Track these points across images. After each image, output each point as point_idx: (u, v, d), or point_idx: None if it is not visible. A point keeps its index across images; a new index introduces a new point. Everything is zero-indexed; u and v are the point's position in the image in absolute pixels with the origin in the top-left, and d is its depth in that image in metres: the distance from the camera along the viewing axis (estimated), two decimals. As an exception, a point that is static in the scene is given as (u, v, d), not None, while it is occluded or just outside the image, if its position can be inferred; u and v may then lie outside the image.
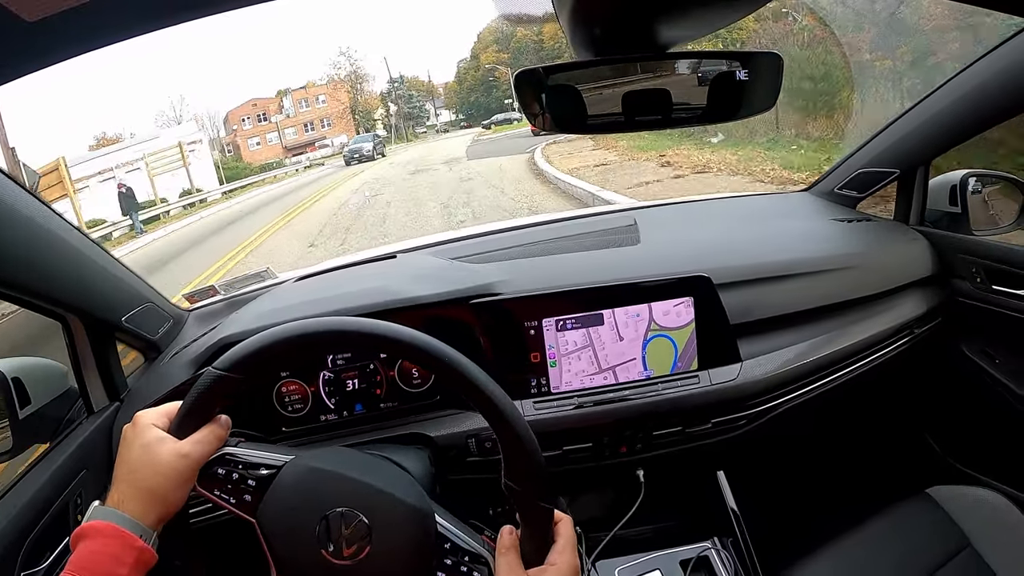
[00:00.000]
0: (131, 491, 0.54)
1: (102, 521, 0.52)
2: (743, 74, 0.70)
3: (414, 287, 0.95)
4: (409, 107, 40.03)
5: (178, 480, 0.55)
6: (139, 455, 0.55)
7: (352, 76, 38.98)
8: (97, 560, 0.51)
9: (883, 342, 1.08)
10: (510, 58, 36.11)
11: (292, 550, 0.57)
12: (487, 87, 38.16)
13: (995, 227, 1.21)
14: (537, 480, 0.56)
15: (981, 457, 1.24)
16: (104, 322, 0.93)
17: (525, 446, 0.57)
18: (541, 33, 33.37)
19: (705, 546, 0.97)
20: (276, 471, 0.59)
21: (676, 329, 0.94)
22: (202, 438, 0.57)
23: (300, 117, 38.36)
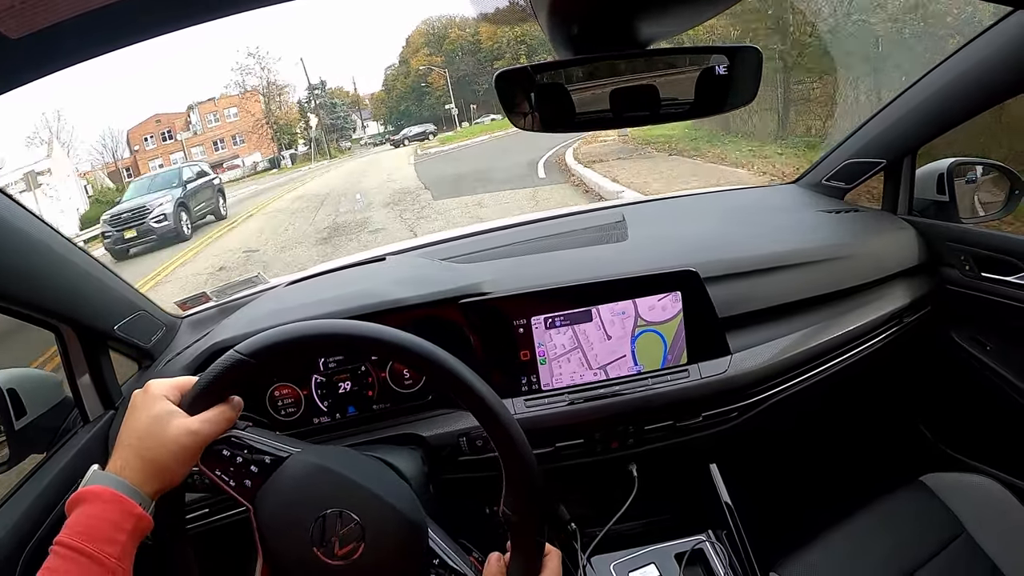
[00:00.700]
0: (134, 459, 0.54)
1: (101, 486, 0.52)
2: (722, 68, 0.71)
3: (403, 289, 0.95)
4: (332, 118, 34.40)
5: (183, 456, 0.56)
6: (147, 425, 0.55)
7: (265, 83, 32.89)
8: (96, 525, 0.50)
9: (873, 332, 1.08)
10: (443, 61, 33.68)
11: (284, 541, 0.58)
12: (419, 94, 34.89)
13: (983, 214, 1.21)
14: (534, 511, 0.58)
15: (974, 444, 1.25)
16: (97, 331, 0.94)
17: (533, 481, 0.58)
18: (478, 33, 31.88)
19: (700, 539, 0.98)
20: (280, 461, 0.60)
21: (663, 323, 0.94)
22: (212, 417, 0.57)
23: (209, 134, 32.09)
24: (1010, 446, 1.17)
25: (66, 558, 0.49)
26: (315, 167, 25.17)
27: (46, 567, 0.49)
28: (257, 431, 0.62)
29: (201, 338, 1.03)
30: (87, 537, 0.49)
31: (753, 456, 1.21)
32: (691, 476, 1.07)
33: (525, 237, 1.16)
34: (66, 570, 0.48)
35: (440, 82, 32.37)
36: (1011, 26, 0.96)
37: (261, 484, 0.60)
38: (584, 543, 0.99)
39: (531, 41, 30.42)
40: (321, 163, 27.62)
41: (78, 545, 0.49)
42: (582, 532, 1.00)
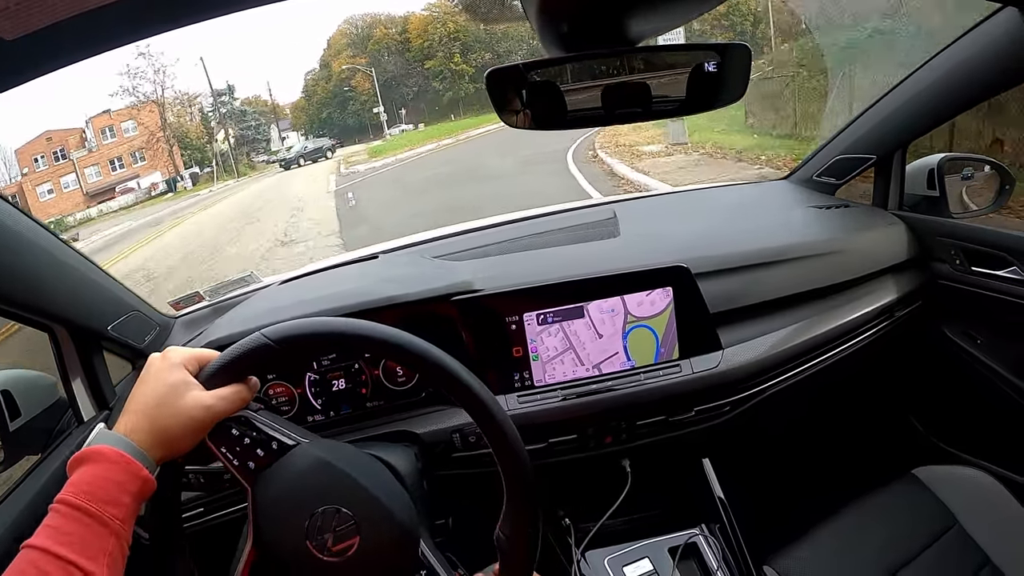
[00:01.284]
0: (145, 424, 0.53)
1: (107, 446, 0.51)
2: (712, 66, 0.72)
3: (396, 286, 0.96)
4: (242, 128, 28.42)
5: (194, 429, 0.55)
6: (163, 392, 0.55)
7: (160, 90, 26.35)
8: (101, 485, 0.49)
9: (864, 326, 1.09)
10: (367, 62, 30.11)
11: (279, 529, 0.58)
12: (341, 100, 30.78)
13: (973, 209, 1.22)
14: (529, 510, 0.59)
15: (966, 437, 1.26)
16: (90, 331, 0.94)
17: (526, 476, 0.59)
18: (406, 31, 29.59)
19: (693, 533, 0.98)
20: (287, 449, 0.60)
21: (653, 317, 0.95)
22: (228, 395, 0.57)
23: (105, 151, 25.73)
24: (1001, 439, 1.18)
25: (68, 516, 0.48)
26: (219, 189, 21.39)
27: (47, 524, 0.48)
28: (268, 415, 0.62)
29: (195, 337, 1.04)
30: (91, 496, 0.48)
31: (746, 450, 1.21)
32: (684, 471, 1.07)
33: (517, 234, 1.17)
34: (69, 529, 0.47)
35: (365, 85, 29.32)
36: (1000, 22, 0.97)
37: (264, 468, 0.60)
38: (578, 538, 0.99)
39: (465, 38, 29.02)
40: (226, 183, 23.25)
41: (82, 504, 0.48)
42: (576, 527, 1.01)
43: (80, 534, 0.47)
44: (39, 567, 0.45)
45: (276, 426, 0.61)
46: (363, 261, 1.13)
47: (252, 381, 0.60)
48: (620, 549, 0.97)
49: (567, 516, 1.03)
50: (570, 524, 1.02)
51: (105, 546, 0.48)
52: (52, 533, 0.47)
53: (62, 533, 0.47)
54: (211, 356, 0.59)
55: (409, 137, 24.67)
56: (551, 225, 1.20)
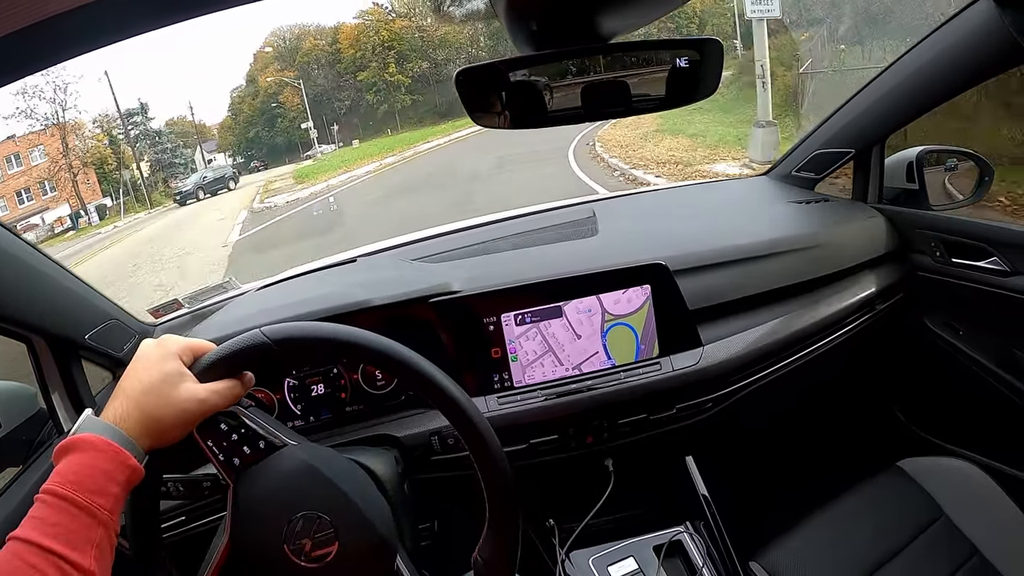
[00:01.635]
0: (135, 412, 0.52)
1: (95, 435, 0.50)
2: (683, 61, 0.72)
3: (374, 290, 0.95)
4: (158, 151, 24.30)
5: (185, 420, 0.55)
6: (155, 381, 0.54)
7: (59, 110, 20.91)
8: (89, 475, 0.48)
9: (845, 319, 1.09)
10: (296, 75, 27.34)
11: (257, 528, 0.59)
12: (270, 117, 27.33)
13: (953, 201, 1.23)
14: (509, 515, 0.60)
15: (950, 427, 1.26)
16: (68, 341, 0.93)
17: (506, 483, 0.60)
18: (337, 41, 27.23)
19: (678, 530, 0.98)
20: (274, 448, 0.60)
21: (631, 315, 0.95)
22: (222, 389, 0.57)
23: (11, 182, 20.83)
24: (985, 429, 1.18)
25: (55, 507, 0.46)
26: (125, 224, 18.02)
27: (32, 516, 0.46)
28: (259, 413, 0.62)
29: None
30: (78, 487, 0.47)
31: (729, 447, 1.21)
32: (667, 469, 1.07)
33: (496, 235, 1.17)
34: (56, 520, 0.46)
35: (294, 100, 26.56)
36: (976, 13, 0.97)
37: (249, 465, 0.60)
38: (562, 538, 0.99)
39: (400, 47, 26.80)
40: (136, 216, 19.64)
41: (69, 495, 0.47)
42: (560, 527, 1.00)
43: (67, 525, 0.46)
44: (25, 559, 0.44)
45: (265, 425, 0.62)
46: (342, 265, 1.13)
47: (247, 377, 0.60)
48: (605, 548, 0.97)
49: (551, 516, 1.03)
50: (554, 524, 1.01)
51: (92, 537, 0.47)
52: (38, 524, 0.46)
53: (48, 524, 0.46)
54: (207, 347, 0.59)
55: (343, 156, 21.70)
56: (530, 225, 1.20)
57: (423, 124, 25.19)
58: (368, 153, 19.60)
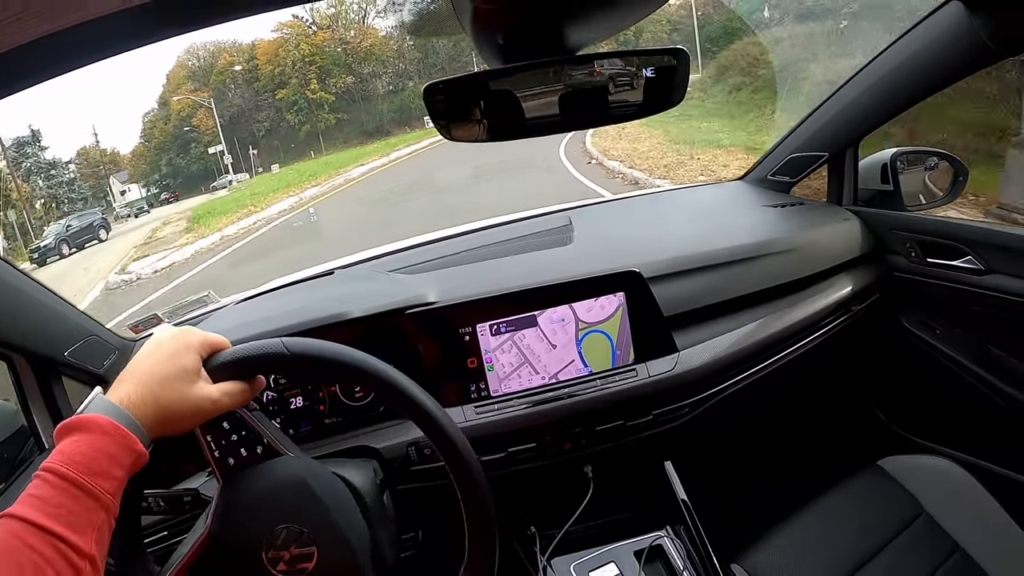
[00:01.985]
0: (149, 399, 0.51)
1: (105, 416, 0.49)
2: (651, 71, 0.73)
3: (351, 302, 0.96)
4: (52, 186, 20.05)
5: (194, 417, 0.55)
6: (173, 373, 0.53)
7: None
8: (95, 457, 0.47)
9: (822, 321, 1.10)
10: (211, 95, 24.51)
11: (239, 531, 0.60)
12: (183, 143, 24.37)
13: (927, 202, 1.24)
14: (486, 523, 0.61)
15: (928, 425, 1.27)
16: (47, 359, 0.94)
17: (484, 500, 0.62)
18: (254, 58, 24.85)
19: (658, 535, 0.98)
20: (271, 455, 0.62)
21: (604, 321, 0.96)
22: (233, 391, 0.57)
23: None
24: (963, 426, 1.19)
25: (58, 488, 0.45)
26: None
27: (31, 494, 0.44)
28: (262, 417, 0.63)
29: None
30: (83, 468, 0.46)
31: (709, 451, 1.22)
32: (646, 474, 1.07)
33: (472, 245, 1.18)
34: (58, 501, 0.44)
35: (209, 123, 24.08)
36: (945, 16, 0.99)
37: (244, 467, 0.61)
38: (543, 545, 0.99)
39: (322, 61, 24.97)
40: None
41: (73, 476, 0.45)
42: (540, 534, 1.01)
43: (69, 506, 0.45)
44: (23, 539, 0.42)
45: (267, 431, 0.63)
46: (320, 277, 1.13)
47: (259, 381, 0.60)
48: (586, 555, 0.97)
49: (532, 524, 1.03)
50: (535, 531, 1.02)
51: (94, 520, 0.46)
52: (37, 503, 0.44)
53: (50, 504, 0.44)
54: (223, 344, 0.59)
55: (257, 185, 18.21)
56: (507, 234, 1.21)
57: (349, 144, 23.30)
58: (286, 182, 16.44)
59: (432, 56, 25.65)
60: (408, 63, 26.25)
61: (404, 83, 26.01)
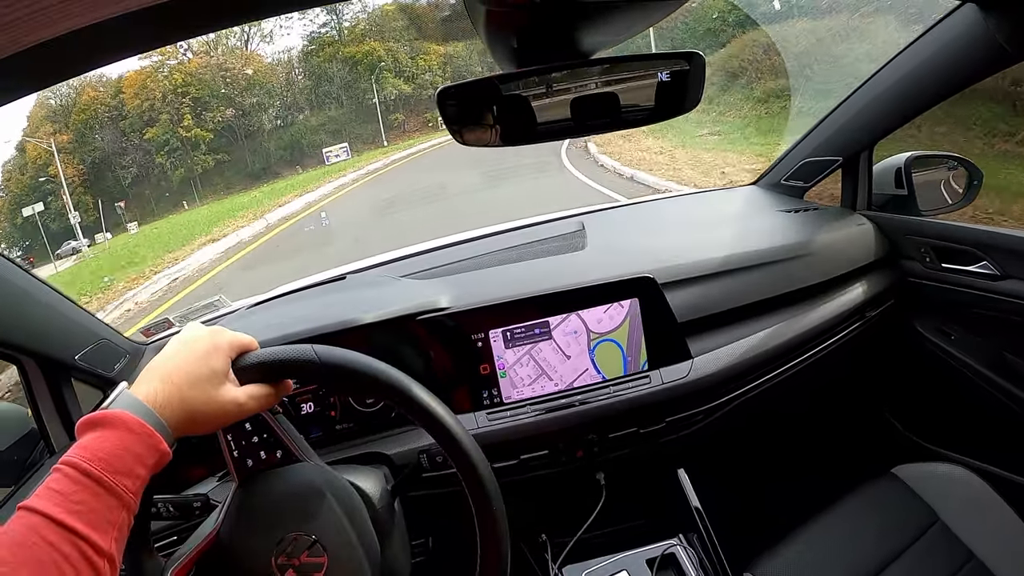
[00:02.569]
0: (176, 399, 0.50)
1: (131, 415, 0.47)
2: (666, 75, 0.73)
3: (363, 308, 0.95)
4: None
5: (221, 420, 0.54)
6: (203, 375, 0.52)
7: None
8: (120, 455, 0.46)
9: (836, 327, 1.09)
10: (71, 140, 20.66)
11: (251, 535, 0.59)
12: (41, 195, 20.50)
13: (942, 206, 1.23)
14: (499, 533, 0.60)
15: (944, 433, 1.26)
16: (58, 362, 0.94)
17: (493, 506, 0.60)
18: (120, 92, 21.22)
19: (671, 543, 0.97)
20: (290, 461, 0.62)
21: (614, 331, 0.95)
22: (260, 395, 0.56)
23: None
24: (978, 433, 1.17)
25: (80, 483, 0.44)
26: None
27: (51, 487, 0.43)
28: (285, 422, 0.63)
29: None
30: (107, 466, 0.45)
31: (721, 457, 1.21)
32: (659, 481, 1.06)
33: (484, 250, 1.17)
34: (80, 498, 0.43)
35: (68, 171, 20.33)
36: (960, 18, 0.97)
37: (262, 471, 0.61)
38: (554, 553, 0.98)
39: (199, 92, 21.75)
40: None
41: (97, 473, 0.44)
42: (552, 542, 1.00)
43: (90, 503, 0.43)
44: (43, 536, 0.41)
45: (289, 435, 0.63)
46: (332, 282, 1.13)
47: (285, 385, 0.59)
48: (597, 563, 0.96)
49: (543, 531, 1.02)
50: (546, 539, 1.01)
51: (115, 519, 0.44)
52: (58, 498, 0.43)
53: (71, 501, 0.43)
54: (252, 344, 0.59)
55: (98, 264, 12.84)
56: (519, 239, 1.20)
57: (232, 190, 20.23)
58: (145, 254, 11.65)
59: (325, 84, 24.62)
60: (298, 92, 24.39)
61: (293, 116, 24.13)
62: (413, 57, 26.82)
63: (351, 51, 25.90)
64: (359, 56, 25.79)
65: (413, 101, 26.49)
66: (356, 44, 26.22)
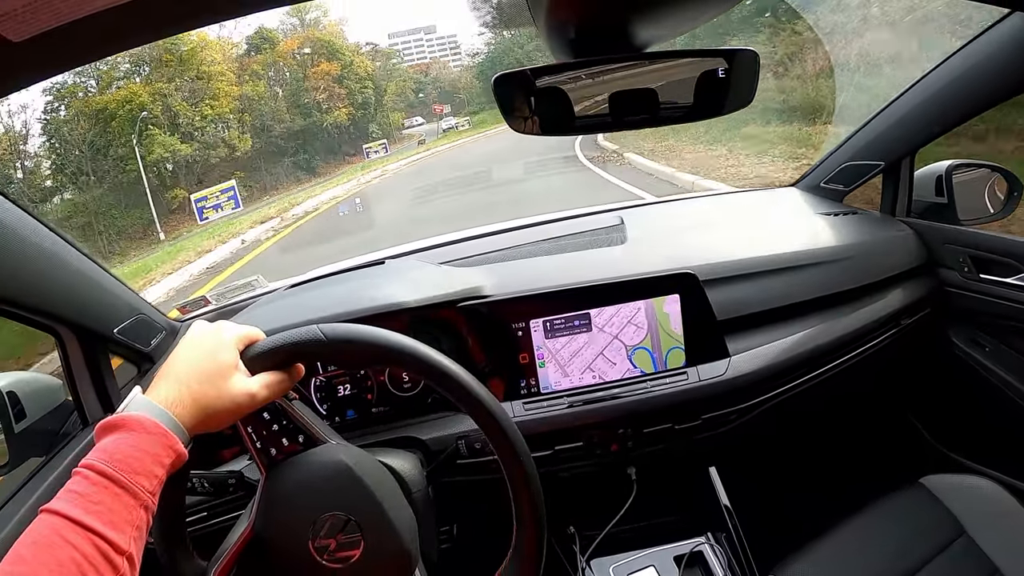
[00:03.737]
0: (188, 399, 0.52)
1: (147, 416, 0.49)
2: (721, 71, 0.72)
3: (402, 292, 0.95)
4: None
5: (235, 413, 0.54)
6: (212, 371, 0.53)
7: None
8: (138, 457, 0.47)
9: (871, 333, 1.08)
10: None
11: (285, 521, 0.59)
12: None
13: (982, 216, 1.21)
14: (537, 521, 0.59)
15: (974, 445, 1.25)
16: (96, 334, 0.94)
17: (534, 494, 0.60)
18: None
19: (699, 541, 0.98)
20: (312, 444, 0.61)
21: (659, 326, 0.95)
22: (272, 383, 0.56)
23: None
24: (1010, 447, 1.17)
25: (99, 485, 0.45)
26: None
27: (72, 490, 0.45)
28: (302, 407, 0.63)
29: None
30: (126, 467, 0.46)
31: (753, 458, 1.21)
32: (690, 479, 1.07)
33: (523, 240, 1.16)
34: (99, 499, 0.45)
35: None
36: (1008, 27, 0.96)
37: (286, 458, 0.61)
38: (583, 545, 0.99)
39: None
40: None
41: (115, 475, 0.46)
42: (581, 535, 1.00)
43: (109, 504, 0.45)
44: (63, 535, 0.42)
45: (308, 420, 0.62)
46: (369, 267, 1.13)
47: (296, 369, 0.59)
48: (625, 557, 0.97)
49: (572, 524, 1.03)
50: (575, 532, 1.01)
51: (133, 519, 0.46)
52: (78, 499, 0.44)
53: (91, 502, 0.44)
54: (257, 336, 0.59)
55: None
56: (557, 231, 1.20)
57: None
58: None
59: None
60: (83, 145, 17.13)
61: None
62: (195, 104, 18.72)
63: (102, 101, 17.06)
64: (113, 107, 16.95)
65: (200, 167, 18.54)
66: (109, 91, 17.41)
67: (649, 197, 6.12)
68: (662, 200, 1.43)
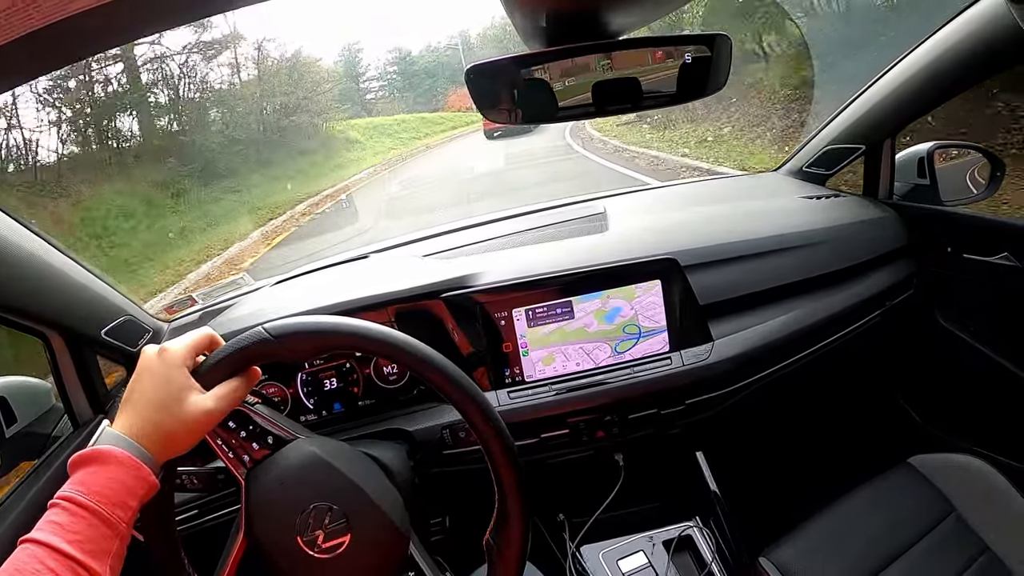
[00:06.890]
0: (149, 428, 0.53)
1: (119, 449, 0.50)
2: (690, 57, 0.72)
3: (386, 285, 0.96)
4: None
5: (196, 432, 0.55)
6: (163, 396, 0.54)
7: None
8: (112, 488, 0.49)
9: (856, 315, 1.09)
10: None
11: (270, 523, 0.59)
12: None
13: (964, 196, 1.22)
14: (521, 543, 0.60)
15: (961, 424, 1.25)
16: (83, 336, 0.94)
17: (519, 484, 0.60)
18: None
19: (687, 525, 0.98)
20: (283, 443, 0.61)
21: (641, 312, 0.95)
22: (227, 393, 0.56)
23: None
24: (996, 425, 1.17)
25: (77, 516, 0.47)
26: None
27: (52, 521, 0.47)
28: (265, 409, 0.63)
29: None
30: (102, 498, 0.48)
31: (740, 442, 1.21)
32: (677, 464, 1.07)
33: (506, 231, 1.17)
34: (77, 529, 0.46)
35: None
36: (985, 8, 0.97)
37: (260, 462, 0.61)
38: (572, 532, 0.99)
39: None
40: None
41: (93, 506, 0.47)
42: (570, 521, 1.01)
43: (87, 534, 0.47)
44: (43, 563, 0.44)
45: (272, 421, 0.62)
46: (354, 261, 1.13)
47: (252, 373, 0.60)
48: (615, 543, 0.97)
49: (561, 511, 1.03)
50: (564, 519, 1.02)
51: (110, 548, 0.48)
52: (57, 530, 0.46)
53: (70, 532, 0.46)
54: (207, 339, 0.59)
55: None
56: (540, 221, 1.20)
57: None
58: None
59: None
60: None
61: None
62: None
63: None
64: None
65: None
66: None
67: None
68: (643, 188, 1.44)
